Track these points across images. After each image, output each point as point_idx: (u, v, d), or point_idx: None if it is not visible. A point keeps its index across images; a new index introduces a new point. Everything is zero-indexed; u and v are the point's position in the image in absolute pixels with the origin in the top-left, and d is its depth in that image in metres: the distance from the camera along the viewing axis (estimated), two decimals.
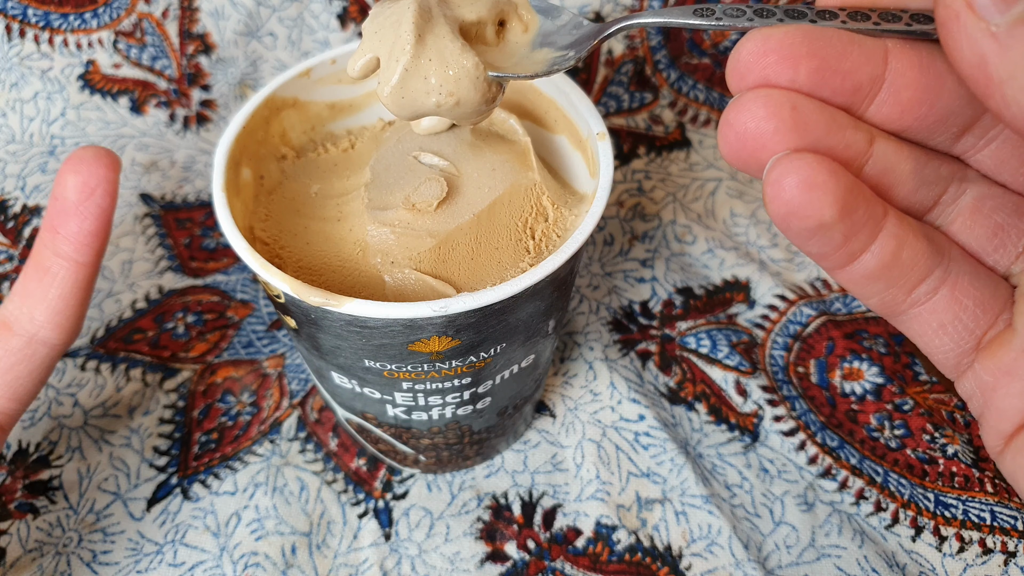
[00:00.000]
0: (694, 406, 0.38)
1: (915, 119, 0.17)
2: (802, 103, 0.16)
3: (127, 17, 0.46)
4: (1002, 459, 0.18)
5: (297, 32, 0.46)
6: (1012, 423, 0.17)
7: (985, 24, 0.14)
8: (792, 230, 0.16)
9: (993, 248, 0.18)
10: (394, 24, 0.22)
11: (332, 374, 0.28)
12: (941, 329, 0.18)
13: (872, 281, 0.17)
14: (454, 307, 0.23)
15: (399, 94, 0.22)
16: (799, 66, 0.16)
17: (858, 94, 0.17)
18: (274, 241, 0.28)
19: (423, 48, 0.22)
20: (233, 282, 0.42)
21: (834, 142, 0.16)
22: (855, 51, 0.16)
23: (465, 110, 0.23)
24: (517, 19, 0.25)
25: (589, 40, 0.23)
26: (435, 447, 0.33)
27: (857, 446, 0.36)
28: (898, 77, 0.17)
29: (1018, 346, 0.17)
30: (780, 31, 0.16)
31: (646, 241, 0.44)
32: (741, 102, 0.16)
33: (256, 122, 0.29)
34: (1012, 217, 0.18)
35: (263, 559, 0.32)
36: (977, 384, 0.18)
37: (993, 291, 0.17)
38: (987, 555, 0.32)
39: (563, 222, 0.28)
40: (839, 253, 0.17)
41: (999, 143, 0.18)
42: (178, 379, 0.38)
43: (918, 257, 0.17)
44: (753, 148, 0.16)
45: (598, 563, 0.32)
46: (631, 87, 0.47)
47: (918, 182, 0.17)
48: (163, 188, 0.46)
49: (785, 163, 0.16)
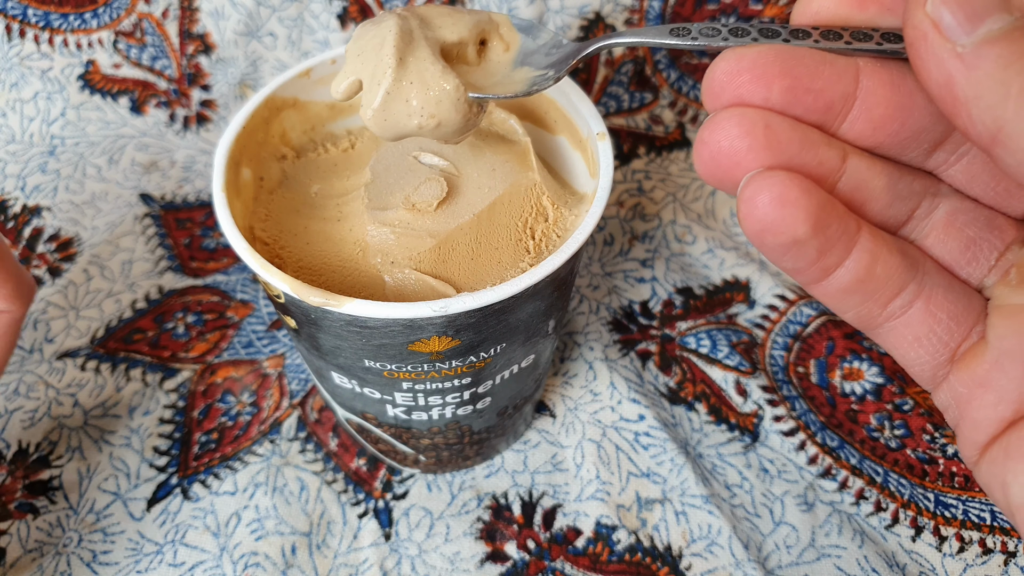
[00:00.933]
0: (694, 406, 0.38)
1: (887, 136, 0.17)
2: (775, 121, 0.16)
3: (127, 17, 0.46)
4: (977, 469, 0.18)
5: (297, 32, 0.46)
6: (986, 434, 0.17)
7: (951, 45, 0.14)
8: (766, 246, 0.16)
9: (966, 261, 0.18)
10: (376, 46, 0.23)
11: (332, 374, 0.28)
12: (916, 342, 0.18)
13: (847, 295, 0.17)
14: (454, 307, 0.23)
15: (381, 116, 0.23)
16: (772, 85, 0.16)
17: (830, 112, 0.17)
18: (274, 241, 0.28)
19: (404, 71, 0.22)
20: (233, 282, 0.42)
21: (807, 159, 0.17)
22: (827, 70, 0.17)
23: (446, 131, 0.23)
24: (499, 38, 0.25)
25: (569, 59, 0.23)
26: (435, 447, 0.33)
27: (857, 446, 0.36)
28: (869, 95, 0.17)
29: (991, 358, 0.17)
30: (753, 51, 0.17)
31: (646, 241, 0.44)
32: (715, 120, 0.17)
33: (256, 122, 0.29)
34: (984, 231, 0.18)
35: (263, 559, 0.32)
36: (952, 396, 0.18)
37: (967, 304, 0.18)
38: (987, 555, 0.32)
39: (563, 222, 0.28)
40: (814, 268, 0.17)
41: (970, 158, 0.18)
42: (178, 379, 0.38)
43: (892, 271, 0.17)
44: (727, 166, 0.17)
45: (598, 563, 0.32)
46: (631, 87, 0.47)
47: (891, 197, 0.18)
48: (163, 188, 0.46)
49: (758, 180, 0.16)
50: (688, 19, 0.45)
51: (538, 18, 0.44)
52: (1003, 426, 0.17)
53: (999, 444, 0.17)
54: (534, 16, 0.44)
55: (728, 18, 0.45)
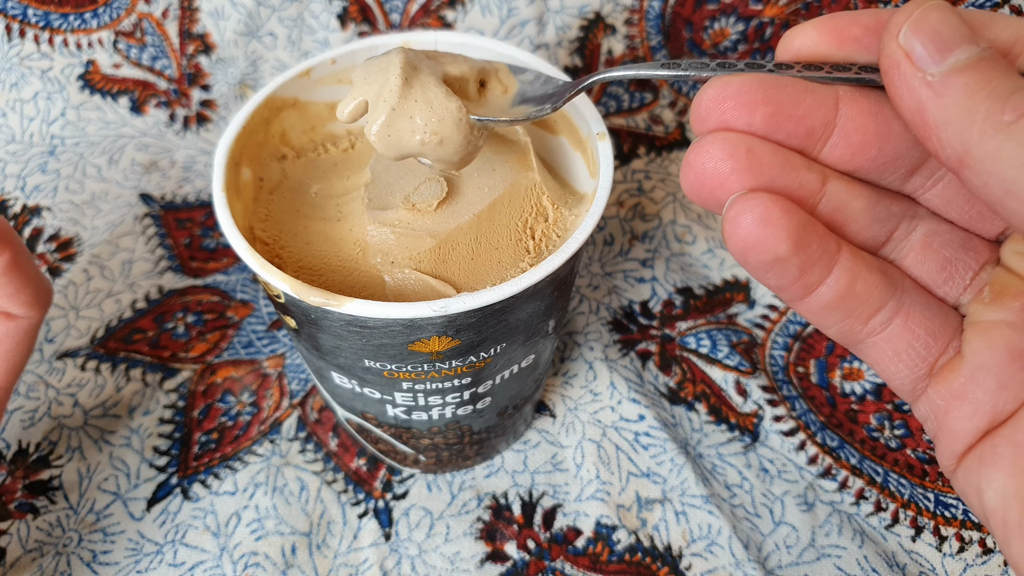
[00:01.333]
0: (694, 406, 0.38)
1: (866, 160, 0.18)
2: (757, 146, 0.17)
3: (127, 17, 0.46)
4: (955, 477, 0.19)
5: (297, 32, 0.46)
6: (963, 443, 0.18)
7: (922, 73, 0.15)
8: (750, 263, 0.17)
9: (943, 280, 0.19)
10: (382, 71, 0.24)
11: (332, 374, 0.28)
12: (896, 357, 0.19)
13: (830, 312, 0.18)
14: (454, 307, 0.23)
15: (386, 132, 0.24)
16: (755, 111, 0.17)
17: (811, 137, 0.18)
18: (274, 241, 0.28)
19: (409, 90, 0.23)
20: (233, 282, 0.42)
21: (788, 182, 0.18)
22: (808, 98, 0.18)
23: (448, 150, 0.24)
24: (497, 81, 0.26)
25: (565, 93, 0.24)
26: (435, 447, 0.33)
27: (857, 446, 0.36)
28: (848, 122, 0.18)
29: (966, 372, 0.18)
30: (738, 79, 0.18)
31: (646, 241, 0.44)
32: (701, 144, 0.18)
33: (256, 122, 0.29)
34: (959, 252, 0.19)
35: (263, 559, 0.32)
36: (931, 408, 0.19)
37: (943, 321, 0.19)
38: (987, 555, 0.32)
39: (563, 222, 0.28)
40: (796, 285, 0.18)
41: (945, 183, 0.19)
42: (178, 379, 0.38)
43: (872, 289, 0.18)
44: (712, 187, 0.18)
45: (598, 563, 0.32)
46: (631, 87, 0.47)
47: (871, 219, 0.19)
48: (163, 188, 0.46)
49: (741, 202, 0.17)
50: (688, 19, 0.45)
51: (538, 18, 0.44)
52: (978, 436, 0.18)
53: (974, 453, 0.18)
54: (534, 16, 0.44)
55: (728, 19, 0.45)
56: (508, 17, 0.45)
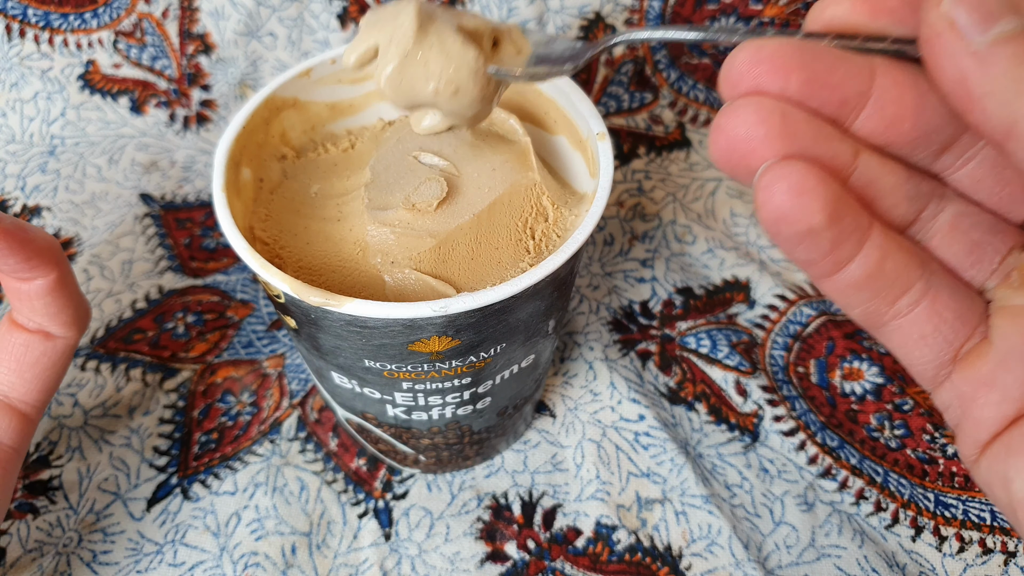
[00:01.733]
0: (694, 406, 0.38)
1: (899, 134, 0.18)
2: (791, 112, 0.17)
3: (127, 17, 0.46)
4: (976, 467, 0.18)
5: (297, 32, 0.46)
6: (989, 432, 0.18)
7: (966, 43, 0.15)
8: (782, 235, 0.17)
9: (970, 264, 0.19)
10: (393, 16, 0.23)
11: (332, 374, 0.28)
12: (922, 340, 0.18)
13: (857, 290, 0.18)
14: (454, 307, 0.23)
15: (398, 79, 0.22)
16: (790, 76, 0.17)
17: (845, 107, 0.17)
18: (274, 241, 0.28)
19: (424, 35, 0.22)
20: (233, 282, 0.42)
21: (821, 151, 0.17)
22: (843, 66, 0.17)
23: (462, 102, 0.23)
24: (511, 42, 0.25)
25: (585, 52, 0.23)
26: (435, 447, 0.33)
27: (857, 446, 0.36)
28: (883, 93, 0.17)
29: (995, 358, 0.17)
30: (773, 43, 0.17)
31: (646, 241, 0.44)
32: (732, 108, 0.17)
33: (256, 122, 0.29)
34: (988, 235, 0.18)
35: (263, 559, 0.32)
36: (955, 395, 0.18)
37: (970, 305, 0.18)
38: (987, 555, 0.32)
39: (563, 222, 0.28)
40: (826, 260, 0.17)
41: (976, 163, 0.18)
42: (178, 379, 0.38)
43: (901, 269, 0.17)
44: (743, 153, 0.17)
45: (598, 563, 0.32)
46: (631, 87, 0.47)
47: (900, 197, 0.18)
48: (163, 188, 0.46)
49: (776, 169, 0.16)
50: (688, 19, 0.45)
51: (538, 18, 0.44)
52: (1006, 423, 0.17)
53: (1001, 441, 0.17)
54: (534, 16, 0.44)
55: (728, 18, 0.45)
56: (508, 17, 0.45)
